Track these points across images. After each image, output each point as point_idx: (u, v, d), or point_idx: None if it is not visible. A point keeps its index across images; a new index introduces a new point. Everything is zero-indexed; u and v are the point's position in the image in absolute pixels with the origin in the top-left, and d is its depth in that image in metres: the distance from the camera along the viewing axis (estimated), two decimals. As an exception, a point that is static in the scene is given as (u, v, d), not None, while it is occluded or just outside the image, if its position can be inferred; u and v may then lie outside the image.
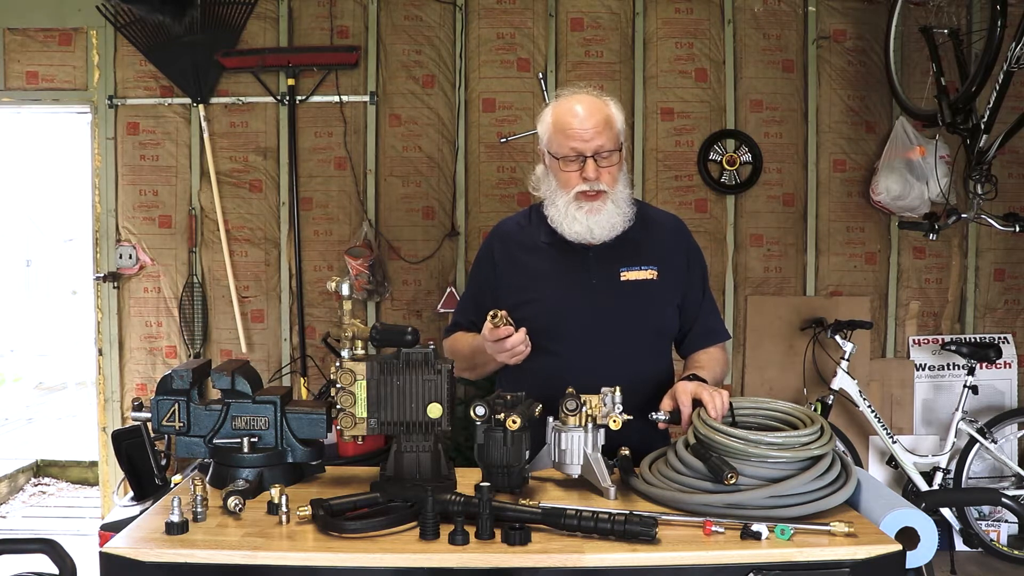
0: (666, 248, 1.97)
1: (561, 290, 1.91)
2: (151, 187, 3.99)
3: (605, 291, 1.91)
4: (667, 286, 1.94)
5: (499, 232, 2.07)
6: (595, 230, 1.88)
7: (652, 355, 1.95)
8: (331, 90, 3.94)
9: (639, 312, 1.91)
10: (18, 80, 3.94)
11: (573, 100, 1.90)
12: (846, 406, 3.79)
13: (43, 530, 4.20)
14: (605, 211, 1.87)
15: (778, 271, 4.02)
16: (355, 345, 1.53)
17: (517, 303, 1.89)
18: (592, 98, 1.91)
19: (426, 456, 1.51)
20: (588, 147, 1.85)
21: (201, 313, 3.96)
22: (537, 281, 1.93)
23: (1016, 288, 4.05)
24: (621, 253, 1.93)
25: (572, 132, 1.85)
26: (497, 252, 2.03)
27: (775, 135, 3.99)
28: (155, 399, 1.56)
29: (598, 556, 1.24)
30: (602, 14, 3.97)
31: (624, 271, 1.92)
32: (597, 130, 1.85)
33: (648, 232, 1.97)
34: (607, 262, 1.92)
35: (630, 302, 1.91)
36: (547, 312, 1.90)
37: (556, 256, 1.94)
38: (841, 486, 1.41)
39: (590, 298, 1.90)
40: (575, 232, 1.89)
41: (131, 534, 1.31)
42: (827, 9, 3.96)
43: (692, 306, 2.01)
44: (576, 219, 1.88)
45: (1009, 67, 3.05)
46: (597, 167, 1.86)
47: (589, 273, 1.92)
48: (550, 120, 1.91)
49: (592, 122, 1.85)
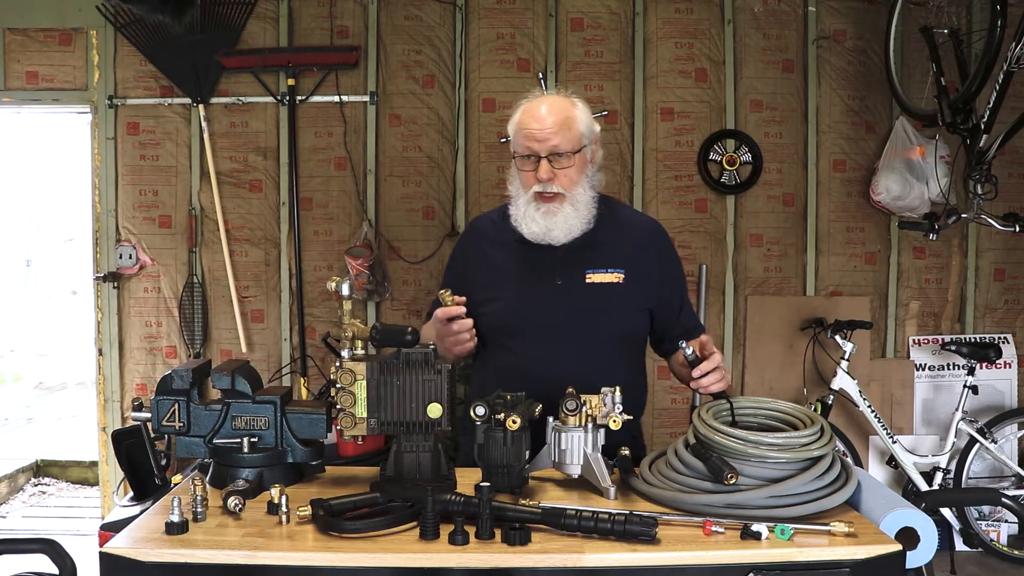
0: (636, 251, 1.96)
1: (526, 289, 1.91)
2: (151, 187, 3.99)
3: (570, 292, 1.90)
4: (634, 289, 1.93)
5: (473, 228, 2.09)
6: (553, 231, 1.88)
7: (616, 358, 1.94)
8: (331, 90, 3.94)
9: (603, 315, 1.90)
10: (18, 80, 3.94)
11: (539, 101, 1.91)
12: (846, 406, 3.79)
13: (43, 530, 4.20)
14: (562, 213, 1.87)
15: (778, 271, 4.02)
16: (355, 345, 1.53)
17: (483, 300, 1.89)
18: (557, 99, 1.91)
19: (426, 456, 1.51)
20: (542, 148, 1.85)
21: (201, 313, 3.97)
22: (503, 279, 1.93)
23: (1016, 288, 4.05)
24: (589, 255, 1.92)
25: (529, 132, 1.86)
26: (468, 248, 2.04)
27: (775, 135, 3.99)
28: (155, 399, 1.56)
29: (598, 556, 1.24)
30: (602, 14, 3.97)
31: (590, 273, 1.91)
32: (553, 131, 1.84)
33: (619, 235, 1.96)
34: (574, 263, 1.92)
35: (595, 304, 1.90)
36: (511, 311, 1.90)
37: (524, 255, 1.94)
38: (841, 486, 1.41)
39: (554, 299, 1.90)
40: (532, 232, 1.89)
41: (131, 534, 1.31)
42: (827, 9, 3.96)
43: (669, 310, 2.01)
44: (534, 219, 1.88)
45: (1009, 67, 3.04)
46: (552, 168, 1.86)
47: (555, 274, 1.91)
48: (516, 119, 1.92)
49: (549, 122, 1.85)
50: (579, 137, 1.89)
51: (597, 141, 1.97)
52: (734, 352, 4.03)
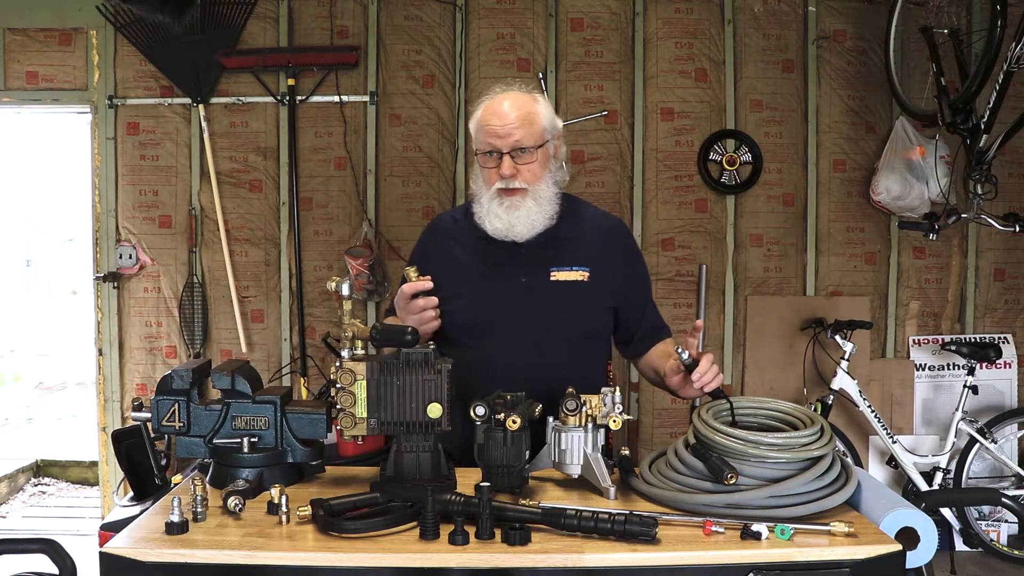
0: (600, 250, 1.96)
1: (489, 287, 1.90)
2: (151, 187, 3.99)
3: (534, 290, 1.90)
4: (598, 288, 1.93)
5: (434, 226, 2.09)
6: (516, 227, 1.87)
7: (579, 356, 1.93)
8: (331, 90, 3.94)
9: (567, 313, 1.90)
10: (18, 80, 3.94)
11: (500, 97, 1.90)
12: (846, 406, 3.79)
13: (43, 530, 4.20)
14: (525, 208, 1.87)
15: (778, 271, 4.02)
16: (355, 345, 1.53)
17: (446, 297, 1.88)
18: (519, 94, 1.90)
19: (426, 456, 1.51)
20: (504, 143, 1.85)
21: (201, 313, 3.97)
22: (466, 277, 1.92)
23: (1016, 288, 4.05)
24: (553, 253, 1.92)
25: (490, 128, 1.86)
26: (430, 246, 2.04)
27: (775, 135, 3.99)
28: (155, 399, 1.56)
29: (598, 556, 1.24)
30: (602, 14, 3.97)
31: (555, 271, 1.91)
32: (515, 126, 1.84)
33: (583, 233, 1.96)
34: (538, 261, 1.91)
35: (558, 303, 1.90)
36: (474, 309, 1.90)
37: (488, 252, 1.93)
38: (841, 486, 1.41)
39: (518, 297, 1.89)
40: (496, 228, 1.89)
41: (131, 534, 1.31)
42: (827, 9, 3.96)
43: (634, 309, 2.01)
44: (497, 215, 1.88)
45: (1009, 67, 3.04)
46: (514, 164, 1.86)
47: (519, 271, 1.91)
48: (477, 116, 1.92)
49: (511, 118, 1.84)
50: (541, 132, 1.88)
51: (560, 136, 1.97)
52: (734, 352, 4.03)
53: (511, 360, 1.84)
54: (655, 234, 4.00)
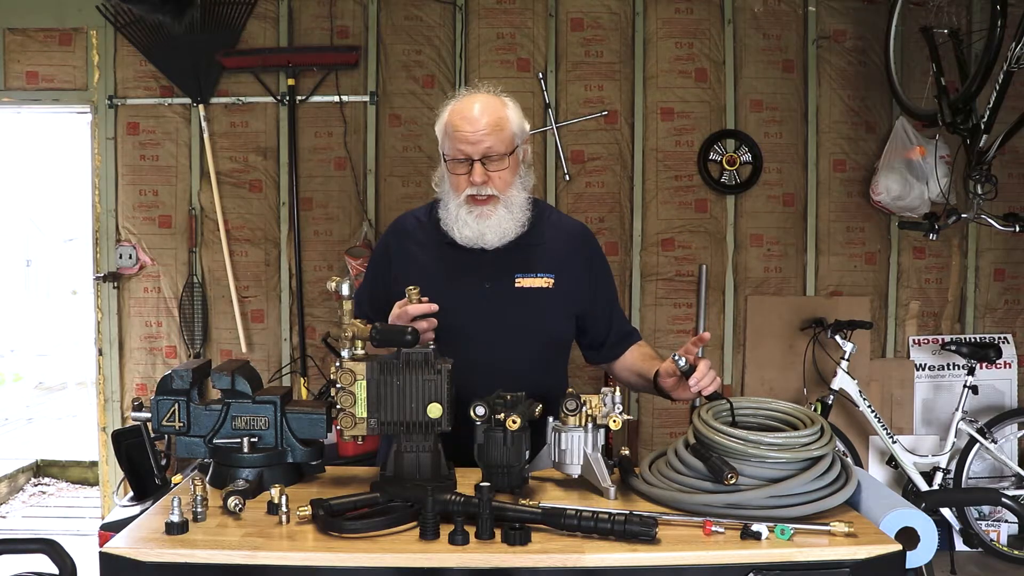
0: (566, 256, 1.93)
1: (453, 293, 1.84)
2: (151, 187, 3.99)
3: (498, 297, 1.86)
4: (563, 295, 1.90)
5: (396, 228, 2.02)
6: (487, 235, 1.84)
7: (542, 364, 1.91)
8: (331, 90, 3.94)
9: (532, 320, 1.87)
10: (18, 80, 3.95)
11: (468, 100, 1.84)
12: (846, 406, 3.79)
13: (43, 530, 4.20)
14: (496, 216, 1.83)
15: (778, 271, 4.02)
16: (355, 345, 1.53)
17: None
18: (488, 98, 1.85)
19: (426, 456, 1.51)
20: (475, 150, 1.80)
21: (201, 313, 3.97)
22: (429, 282, 1.84)
23: (1016, 288, 4.05)
24: (518, 259, 1.88)
25: (460, 135, 1.80)
26: (392, 248, 1.98)
27: (775, 135, 3.99)
28: (155, 399, 1.56)
29: (598, 556, 1.24)
30: (602, 14, 3.97)
31: (520, 277, 1.88)
32: (486, 132, 1.79)
33: (548, 239, 1.93)
34: (503, 268, 1.88)
35: (523, 309, 1.87)
36: (437, 315, 1.82)
37: (453, 258, 1.89)
38: (841, 486, 1.41)
39: (482, 303, 1.86)
40: (465, 236, 1.85)
41: (131, 534, 1.31)
42: (827, 9, 3.96)
43: (601, 315, 1.99)
44: (467, 223, 1.84)
45: (1009, 67, 3.04)
46: (485, 171, 1.81)
47: (484, 278, 1.87)
48: (444, 120, 1.86)
49: (481, 124, 1.79)
50: (512, 138, 1.84)
51: (528, 140, 1.93)
52: (734, 352, 4.03)
53: (474, 366, 1.76)
54: (655, 234, 4.00)
